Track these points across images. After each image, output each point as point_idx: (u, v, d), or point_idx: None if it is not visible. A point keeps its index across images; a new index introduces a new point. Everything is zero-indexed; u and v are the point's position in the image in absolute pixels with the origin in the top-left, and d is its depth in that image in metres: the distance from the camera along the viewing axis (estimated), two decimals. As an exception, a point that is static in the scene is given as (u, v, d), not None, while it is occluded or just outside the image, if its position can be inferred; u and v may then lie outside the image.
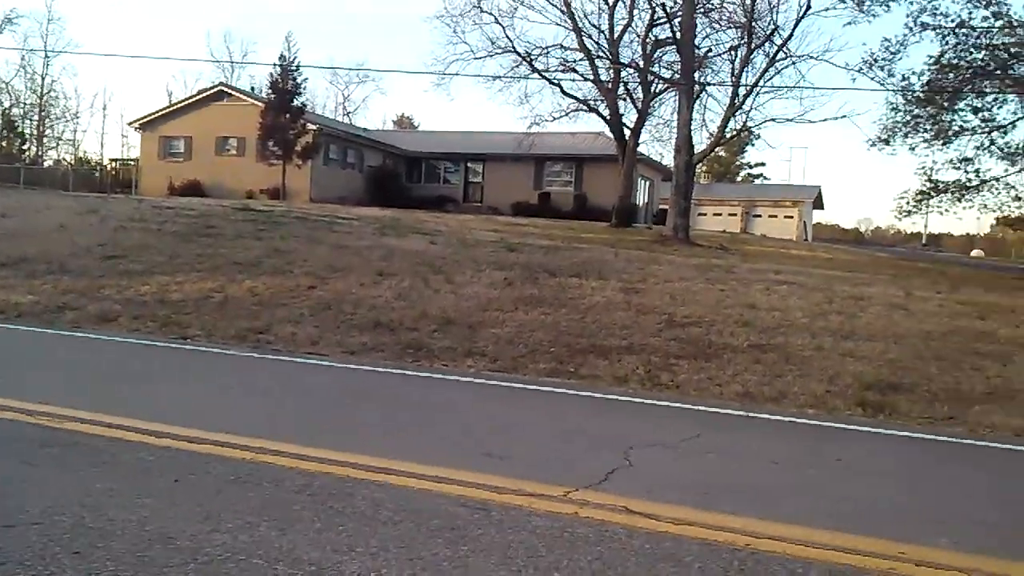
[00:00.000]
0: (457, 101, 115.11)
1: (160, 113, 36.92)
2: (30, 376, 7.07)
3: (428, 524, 3.71)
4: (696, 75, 25.28)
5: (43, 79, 52.20)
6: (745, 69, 24.67)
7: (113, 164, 41.14)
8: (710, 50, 26.90)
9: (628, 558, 3.44)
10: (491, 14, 29.72)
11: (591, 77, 29.49)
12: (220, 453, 4.69)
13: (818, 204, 59.10)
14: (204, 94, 36.61)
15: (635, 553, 3.50)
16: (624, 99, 29.82)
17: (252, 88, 38.37)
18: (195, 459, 4.57)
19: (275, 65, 30.94)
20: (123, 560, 3.16)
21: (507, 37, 29.41)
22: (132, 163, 39.09)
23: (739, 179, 76.33)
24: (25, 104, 51.29)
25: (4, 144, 49.06)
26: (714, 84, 27.37)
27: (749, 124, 26.31)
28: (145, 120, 36.85)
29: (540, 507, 4.02)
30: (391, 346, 9.50)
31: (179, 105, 37.09)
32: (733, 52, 25.89)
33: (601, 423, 6.52)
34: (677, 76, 25.57)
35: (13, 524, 3.45)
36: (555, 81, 29.62)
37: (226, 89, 37.23)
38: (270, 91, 31.33)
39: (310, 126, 32.02)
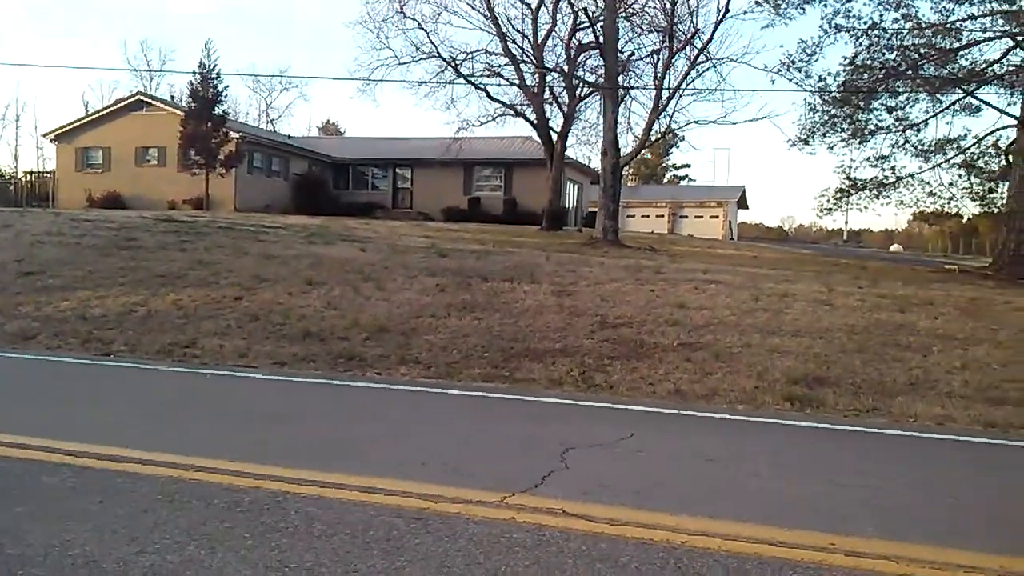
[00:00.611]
0: (384, 107, 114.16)
1: (76, 124, 35.75)
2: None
3: (364, 536, 3.66)
4: (620, 79, 25.60)
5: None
6: (667, 72, 25.03)
7: (28, 177, 39.69)
8: (633, 54, 27.28)
9: (565, 561, 3.44)
10: (414, 19, 29.58)
11: (516, 82, 29.61)
12: (145, 472, 4.55)
13: (743, 203, 60.36)
14: (122, 104, 35.58)
15: (572, 556, 3.50)
16: (550, 103, 30.01)
17: (172, 97, 37.60)
18: (120, 479, 4.42)
19: (195, 73, 30.28)
20: (44, 588, 3.04)
21: (431, 42, 29.36)
22: (48, 175, 37.77)
23: (665, 181, 77.53)
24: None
25: (-91, 157, 46.96)
26: (638, 87, 27.77)
27: (673, 126, 26.70)
28: (61, 131, 35.65)
29: (477, 514, 4.00)
30: (322, 356, 9.38)
31: (96, 115, 35.97)
32: (655, 56, 26.27)
33: (537, 426, 6.53)
34: (601, 80, 25.82)
35: (-76, 556, 3.29)
36: (481, 86, 29.66)
37: (144, 98, 36.25)
38: (190, 99, 30.63)
39: (233, 134, 31.39)
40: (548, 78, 29.49)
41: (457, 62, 29.08)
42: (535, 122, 29.83)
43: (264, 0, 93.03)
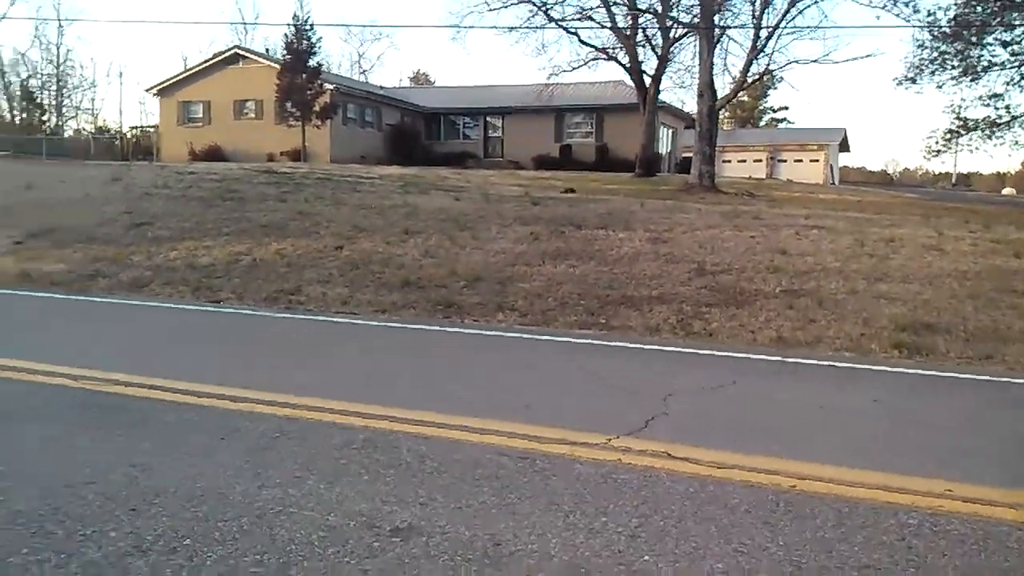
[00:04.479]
0: (474, 55, 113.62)
1: (177, 79, 36.81)
2: (69, 343, 7.17)
3: (473, 474, 3.75)
4: (716, 18, 24.81)
5: (58, 49, 52.30)
6: (766, 10, 24.18)
7: (133, 132, 41.24)
8: (729, -7, 26.38)
9: (673, 501, 3.46)
10: (505, -37, 29.17)
11: (608, 24, 29.02)
12: (261, 411, 4.74)
13: (844, 147, 58.26)
14: (219, 57, 36.40)
15: (680, 497, 3.52)
16: (643, 46, 29.38)
17: (267, 50, 38.18)
18: (238, 417, 4.63)
19: (289, 25, 30.70)
20: (178, 515, 3.22)
21: (522, -14, 28.93)
22: (152, 130, 39.11)
23: (762, 124, 75.29)
24: (42, 75, 51.41)
25: (25, 116, 49.28)
26: (735, 27, 26.88)
27: (771, 67, 25.85)
28: (162, 86, 36.79)
29: (582, 455, 4.04)
30: (421, 303, 9.54)
31: (195, 70, 36.92)
32: (753, -7, 25.32)
33: (636, 372, 6.53)
34: (697, 20, 25.10)
35: (70, 484, 3.52)
36: (572, 30, 29.20)
37: (241, 52, 36.98)
38: (285, 52, 31.11)
39: (327, 86, 31.83)
40: (641, 19, 28.85)
41: (548, 6, 28.67)
42: (627, 66, 29.28)
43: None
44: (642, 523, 3.23)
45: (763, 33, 24.02)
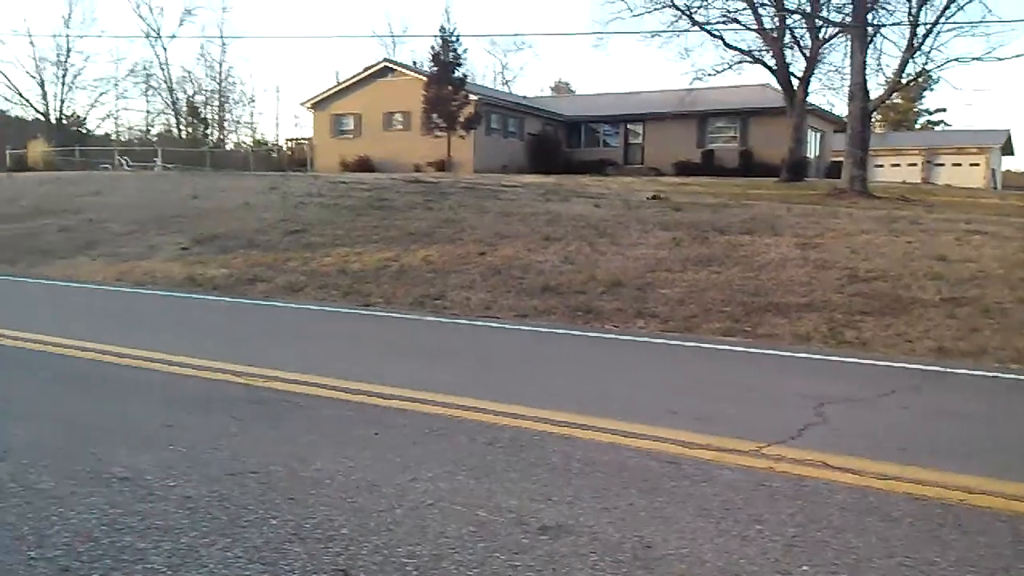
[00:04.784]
0: (615, 63, 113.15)
1: (329, 92, 38.40)
2: (229, 342, 7.59)
3: (619, 476, 3.72)
4: (869, 16, 23.73)
5: (220, 66, 55.61)
6: (924, 6, 22.94)
7: (288, 144, 43.32)
8: (884, -11, 25.14)
9: (831, 512, 3.32)
10: (648, -31, 28.90)
11: (754, 27, 28.28)
12: (411, 408, 4.87)
13: (1007, 150, 54.49)
14: (369, 71, 37.73)
15: (838, 507, 3.37)
16: (791, 47, 28.44)
17: (414, 63, 39.27)
18: (388, 413, 4.77)
19: (436, 36, 31.49)
20: (335, 505, 3.34)
21: (665, -9, 28.58)
22: (306, 142, 40.96)
23: (917, 127, 71.47)
24: (206, 91, 54.80)
25: (190, 130, 52.67)
26: (889, 25, 25.61)
27: (929, 66, 24.47)
28: (316, 100, 38.48)
29: (732, 461, 3.94)
30: (561, 309, 9.59)
31: (347, 83, 38.41)
32: (910, -11, 24.07)
33: (785, 380, 6.32)
34: (848, 19, 24.09)
35: (234, 473, 3.72)
36: (717, 33, 28.60)
37: (390, 65, 38.21)
38: (432, 64, 31.93)
39: (472, 97, 32.44)
40: (788, 20, 27.97)
41: (691, 10, 28.19)
42: (774, 68, 28.43)
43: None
44: (799, 532, 3.12)
45: (920, 30, 22.80)
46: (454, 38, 31.50)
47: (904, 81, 25.59)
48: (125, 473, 3.70)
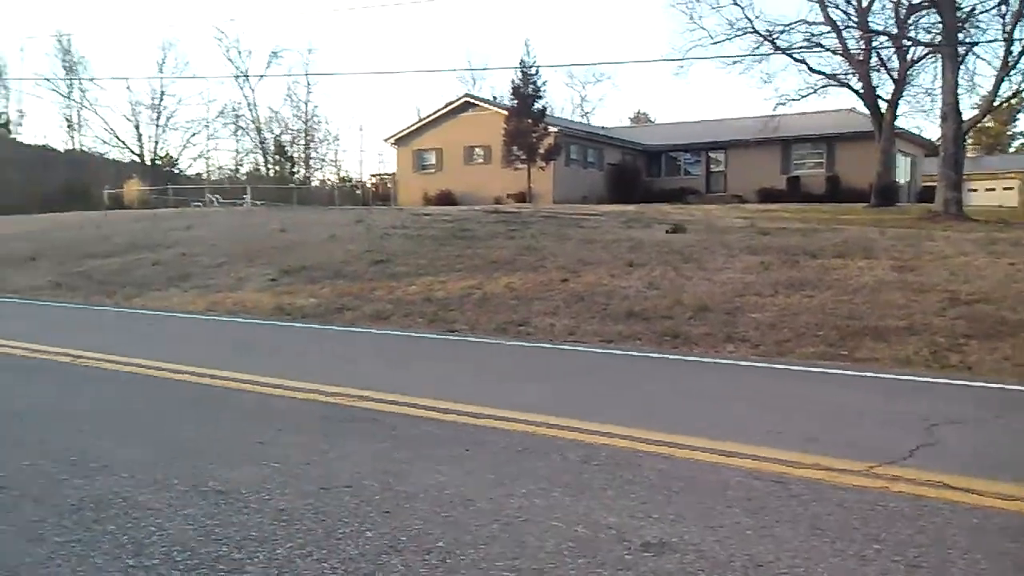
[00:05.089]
0: (694, 92, 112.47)
1: (411, 128, 39.10)
2: (319, 365, 7.65)
3: (723, 495, 3.55)
4: (960, 35, 23.03)
5: (306, 106, 57.22)
6: (1019, 23, 22.12)
7: (372, 179, 44.21)
8: (975, 8, 24.39)
9: (956, 533, 3.10)
10: (729, -5, 28.66)
11: (839, 50, 27.72)
12: (501, 427, 4.79)
13: (1115, 171, 51.99)
14: (450, 106, 38.31)
15: (963, 529, 3.14)
16: (877, 70, 27.75)
17: (494, 97, 39.73)
18: (479, 432, 4.70)
19: (516, 69, 31.80)
20: (429, 519, 3.27)
21: (746, 17, 28.28)
22: (388, 177, 41.73)
23: (1012, 150, 68.86)
24: (293, 130, 56.45)
25: (277, 168, 54.25)
26: (982, 43, 24.78)
27: (1025, 86, 23.56)
28: (398, 136, 39.23)
29: (843, 481, 3.73)
30: (647, 334, 9.41)
31: (428, 119, 39.05)
32: (1003, 5, 23.30)
33: (889, 402, 6.03)
34: (938, 39, 23.41)
35: (327, 487, 3.69)
36: (799, 58, 28.13)
37: (471, 100, 38.74)
38: (512, 97, 32.24)
39: (551, 128, 32.59)
40: (874, 42, 27.33)
41: (773, 35, 27.84)
42: (860, 91, 27.78)
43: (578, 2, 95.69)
44: (921, 553, 2.90)
45: (1016, 48, 22.01)
46: (534, 71, 31.76)
47: (998, 102, 24.69)
48: (220, 487, 3.70)
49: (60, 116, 65.25)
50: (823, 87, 28.61)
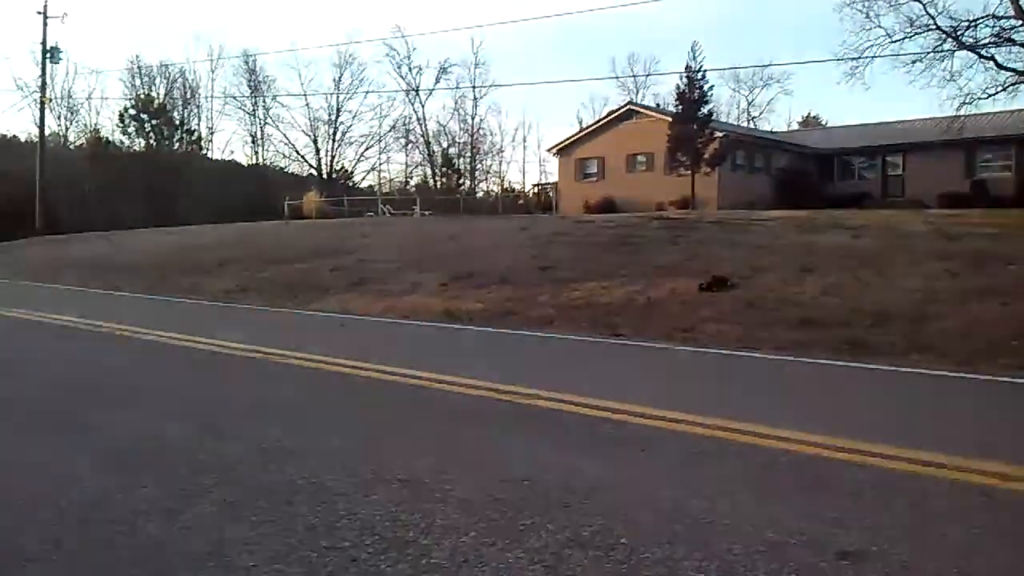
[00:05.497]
0: (869, 94, 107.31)
1: (574, 138, 39.27)
2: (490, 365, 7.76)
3: (922, 504, 3.34)
4: None
5: (472, 119, 58.55)
6: None
7: (534, 189, 44.79)
8: None
9: None
10: (909, -8, 27.13)
11: (1033, 44, 25.67)
12: (675, 428, 4.70)
13: None
14: (613, 115, 38.20)
15: None
16: (1079, 63, 25.52)
17: (657, 105, 39.36)
18: (653, 432, 4.64)
19: (681, 74, 31.34)
20: (610, 516, 3.24)
21: (927, 14, 26.68)
22: (550, 186, 42.09)
23: None
24: (459, 143, 57.93)
25: (444, 180, 55.83)
26: None
27: None
28: (560, 146, 39.49)
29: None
30: (823, 342, 9.00)
31: (590, 128, 39.08)
32: None
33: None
34: None
35: (506, 479, 3.73)
36: (987, 55, 26.26)
37: (634, 108, 38.49)
38: (677, 103, 31.76)
39: (717, 133, 31.90)
40: (1076, 33, 25.13)
41: (957, 31, 26.14)
42: (1058, 87, 25.63)
43: (744, 4, 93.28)
44: None
45: None
46: (700, 75, 31.17)
47: None
48: (403, 476, 3.81)
49: (245, 132, 69.59)
50: (1013, 84, 26.56)
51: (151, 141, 52.92)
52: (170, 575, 2.85)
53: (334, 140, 56.21)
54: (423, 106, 57.59)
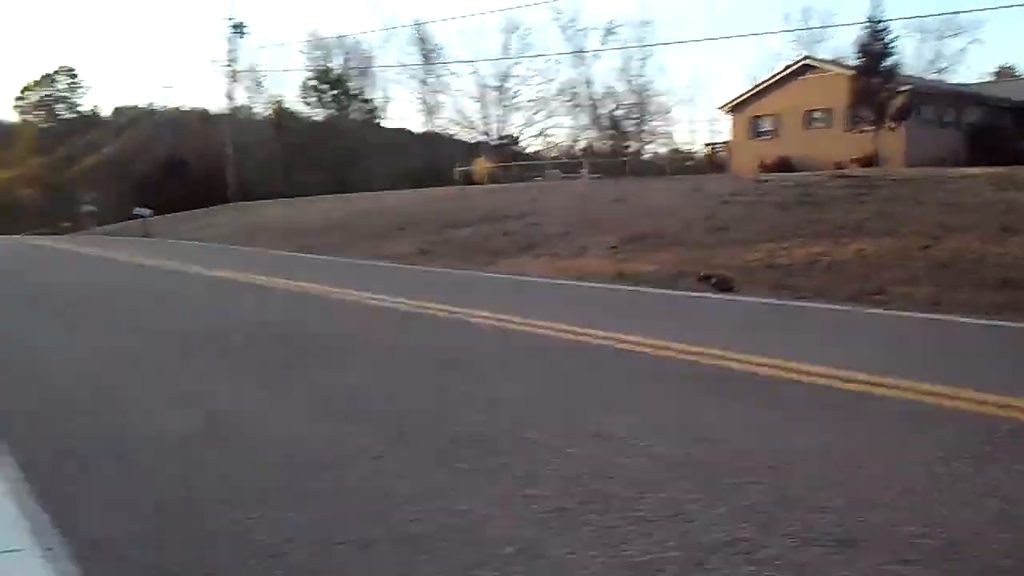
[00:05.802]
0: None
1: (746, 96, 37.92)
2: (663, 327, 7.65)
3: None
4: None
5: (639, 80, 57.52)
6: None
7: (705, 148, 43.64)
8: None
9: None
10: None
11: None
12: (880, 392, 4.49)
13: None
14: (788, 70, 36.62)
15: None
16: None
17: (836, 59, 37.38)
18: (854, 396, 4.47)
19: (863, 24, 29.59)
20: (818, 478, 3.18)
21: None
22: (721, 146, 40.93)
23: None
24: (626, 105, 57.16)
25: (611, 142, 55.38)
26: None
27: None
28: (733, 104, 38.27)
29: None
30: (1029, 305, 8.36)
31: (764, 85, 37.59)
32: None
33: None
34: None
35: (699, 439, 3.71)
36: None
37: (811, 63, 36.70)
38: (859, 55, 30.04)
39: (902, 87, 29.97)
40: None
41: None
42: None
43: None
44: None
45: None
46: (882, 25, 29.31)
47: None
48: (597, 431, 3.87)
49: (417, 101, 71.47)
50: None
51: (330, 111, 55.40)
52: (389, 514, 3.00)
53: (503, 106, 56.87)
54: (589, 68, 57.20)
